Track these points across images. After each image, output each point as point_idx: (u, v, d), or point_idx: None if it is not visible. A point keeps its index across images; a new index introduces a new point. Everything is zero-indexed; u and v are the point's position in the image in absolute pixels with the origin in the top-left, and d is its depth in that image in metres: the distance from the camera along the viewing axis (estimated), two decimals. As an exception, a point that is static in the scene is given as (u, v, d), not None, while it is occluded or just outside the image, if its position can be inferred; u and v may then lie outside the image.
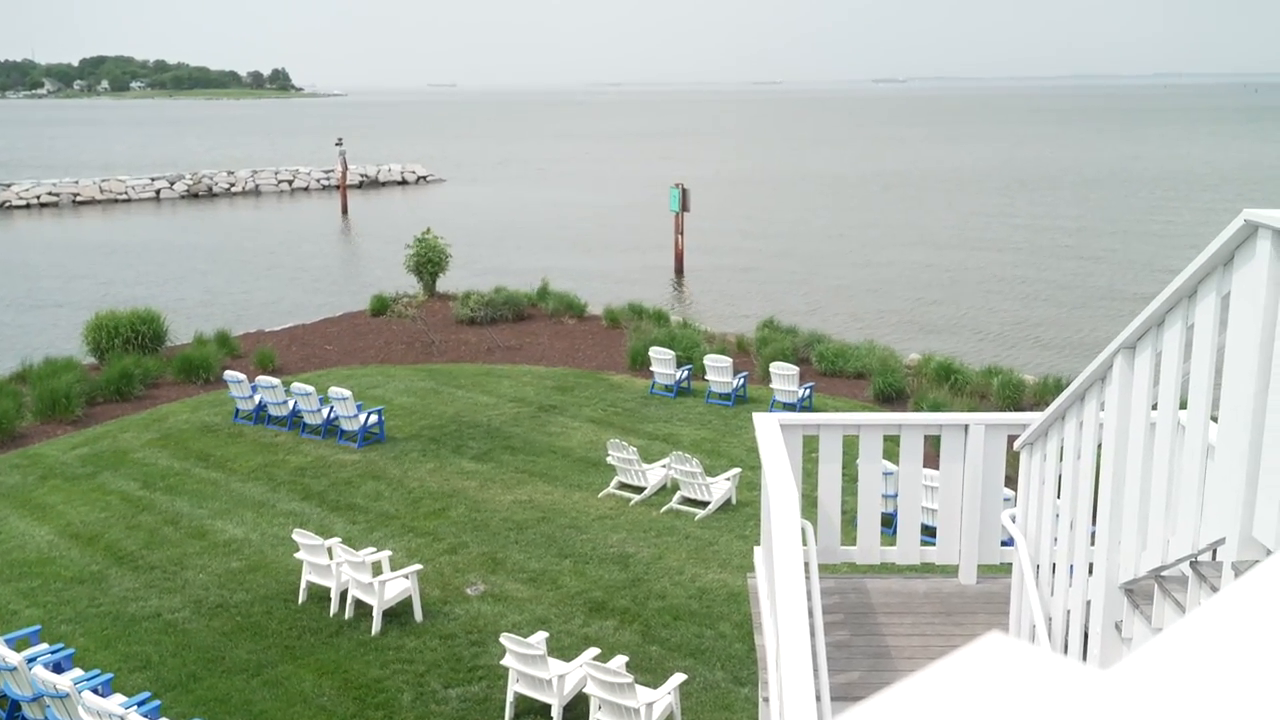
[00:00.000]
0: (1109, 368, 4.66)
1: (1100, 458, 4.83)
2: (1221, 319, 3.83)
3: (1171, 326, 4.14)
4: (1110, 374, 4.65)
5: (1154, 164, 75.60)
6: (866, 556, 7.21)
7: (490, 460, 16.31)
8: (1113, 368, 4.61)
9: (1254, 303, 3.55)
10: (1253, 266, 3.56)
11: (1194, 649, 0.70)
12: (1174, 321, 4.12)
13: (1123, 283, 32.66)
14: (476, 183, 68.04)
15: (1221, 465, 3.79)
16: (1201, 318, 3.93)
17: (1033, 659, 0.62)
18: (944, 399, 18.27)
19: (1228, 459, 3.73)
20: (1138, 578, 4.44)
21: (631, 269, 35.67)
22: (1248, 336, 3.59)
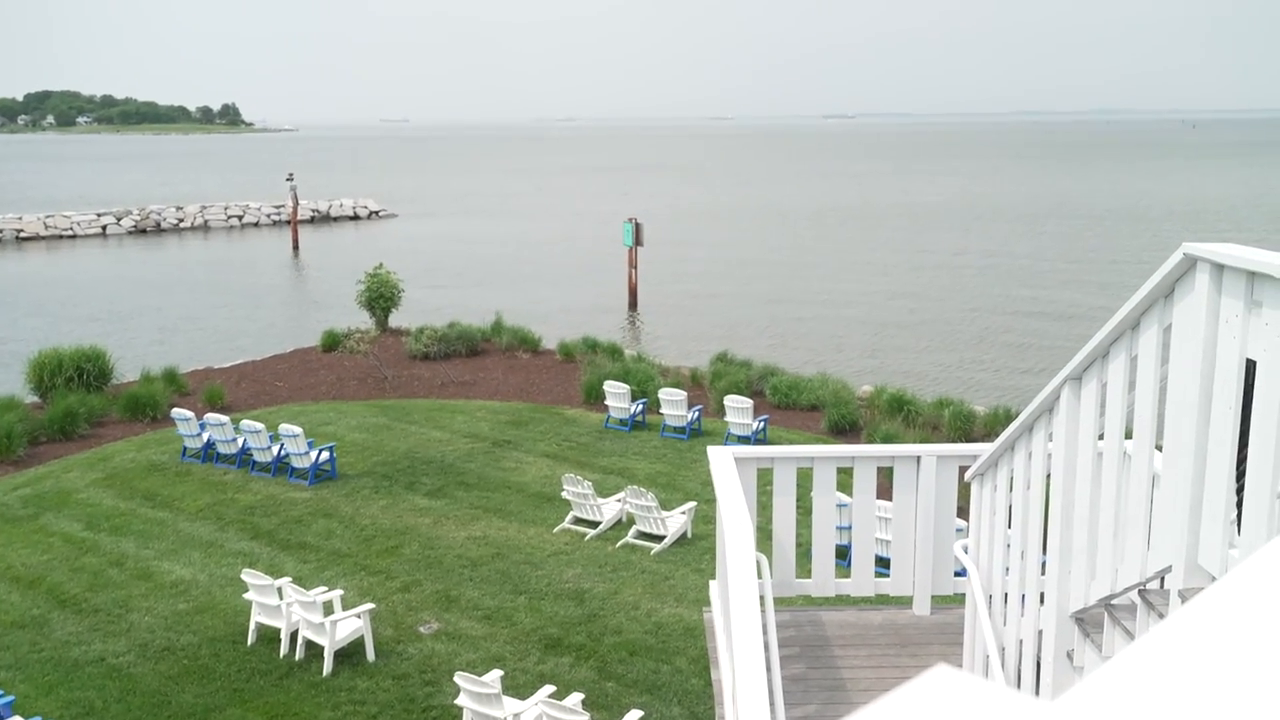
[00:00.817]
0: (1056, 399, 4.74)
1: (1049, 487, 4.89)
2: (1163, 350, 3.91)
3: (1116, 358, 4.22)
4: (1057, 405, 4.72)
5: (1100, 198, 77.16)
6: (821, 589, 7.23)
7: (444, 496, 16.16)
8: (1060, 399, 4.68)
9: (1194, 334, 3.62)
10: (1192, 299, 3.65)
11: (1136, 678, 0.71)
12: (1118, 353, 4.20)
13: (1072, 314, 33.21)
14: (430, 217, 67.88)
15: (1166, 494, 3.85)
16: (1144, 349, 4.01)
17: (977, 691, 0.63)
18: (896, 431, 18.42)
19: (1172, 488, 3.79)
20: (1088, 606, 4.49)
21: (585, 303, 35.70)
22: (1189, 367, 3.66)
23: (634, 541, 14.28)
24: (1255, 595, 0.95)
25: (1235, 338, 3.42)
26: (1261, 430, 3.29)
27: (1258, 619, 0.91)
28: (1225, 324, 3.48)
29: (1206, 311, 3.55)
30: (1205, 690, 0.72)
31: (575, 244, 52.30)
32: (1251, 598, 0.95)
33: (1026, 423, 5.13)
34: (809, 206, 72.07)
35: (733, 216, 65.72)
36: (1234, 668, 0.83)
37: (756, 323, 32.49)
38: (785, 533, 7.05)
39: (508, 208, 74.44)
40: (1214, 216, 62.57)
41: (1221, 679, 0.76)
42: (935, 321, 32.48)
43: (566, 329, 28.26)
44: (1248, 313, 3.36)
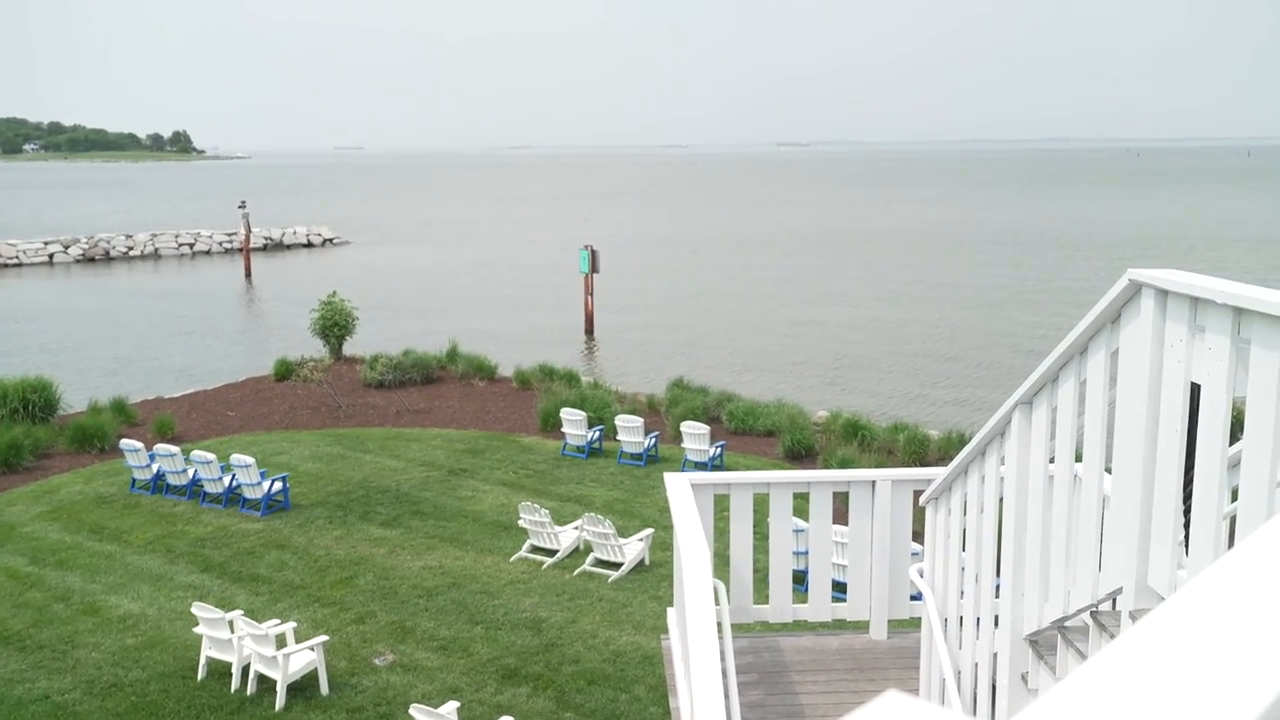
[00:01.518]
0: (1007, 423, 4.79)
1: (1002, 511, 4.94)
2: (1111, 374, 3.97)
3: (1065, 382, 4.28)
4: (1009, 429, 4.78)
5: (1050, 224, 78.44)
6: (779, 614, 7.23)
7: (399, 526, 16.01)
8: (1011, 423, 4.74)
9: (1140, 358, 3.69)
10: (1138, 324, 3.71)
11: (1082, 701, 0.72)
12: (1067, 377, 4.26)
13: (1024, 338, 33.66)
14: (385, 245, 67.54)
15: (1116, 516, 3.91)
16: (1093, 373, 4.07)
17: (927, 716, 0.63)
18: (852, 455, 18.53)
19: (1122, 510, 3.85)
20: (1041, 629, 4.53)
21: (542, 330, 35.64)
22: (1136, 391, 3.73)
23: (591, 569, 14.21)
24: (1198, 617, 0.97)
25: (1180, 362, 3.48)
26: (1206, 453, 3.35)
27: (1200, 640, 0.92)
28: (1170, 348, 3.55)
29: (1152, 336, 3.61)
30: (1149, 710, 0.73)
31: (532, 271, 52.27)
32: (1194, 620, 0.96)
33: (979, 447, 5.18)
34: (765, 233, 72.61)
35: (689, 244, 66.05)
36: (1178, 687, 0.84)
37: (713, 349, 32.61)
38: (742, 559, 7.05)
39: (464, 235, 74.29)
40: (1160, 242, 63.83)
41: (1165, 698, 0.77)
42: (890, 346, 32.78)
43: (523, 356, 28.19)
44: (1191, 337, 3.43)
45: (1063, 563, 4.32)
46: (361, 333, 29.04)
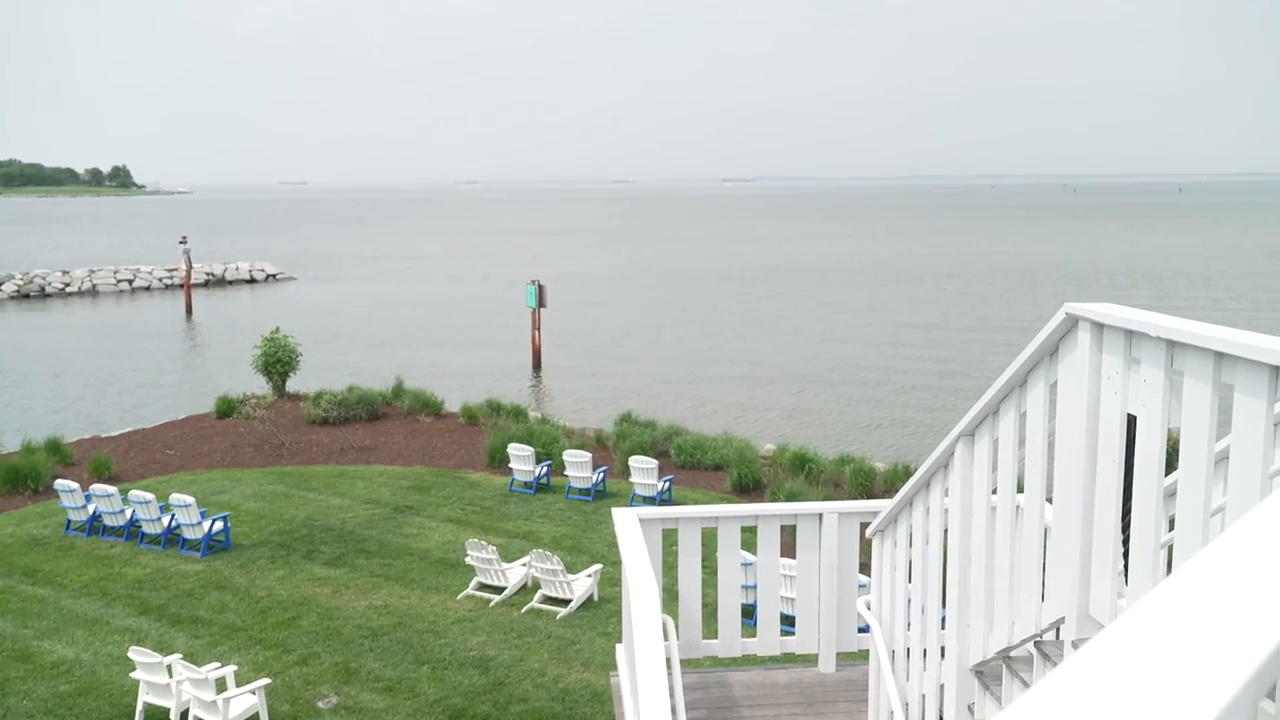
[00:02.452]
0: (950, 455, 4.85)
1: (947, 542, 4.98)
2: (1051, 406, 4.04)
3: (1006, 414, 4.34)
4: (952, 461, 4.83)
5: (995, 258, 79.81)
6: (728, 649, 7.21)
7: (343, 565, 15.76)
8: (954, 455, 4.79)
9: (1078, 391, 3.76)
10: (1075, 356, 3.78)
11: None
12: (1008, 410, 4.32)
13: (967, 370, 34.12)
14: (330, 280, 66.97)
15: (1057, 546, 3.96)
16: (1032, 405, 4.14)
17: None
18: (799, 488, 18.62)
19: (1062, 540, 3.90)
20: (987, 659, 4.56)
21: (489, 365, 35.49)
22: (1074, 423, 3.79)
23: (540, 606, 14.09)
24: (1134, 645, 0.99)
25: (1116, 394, 3.55)
26: (1143, 483, 3.41)
27: (1137, 666, 0.94)
28: (1107, 380, 3.61)
29: (1089, 369, 3.68)
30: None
31: (479, 306, 52.10)
32: (1130, 647, 0.98)
33: (923, 479, 5.23)
34: (713, 268, 73.08)
35: (637, 278, 66.28)
36: (1115, 713, 0.85)
37: (661, 383, 32.67)
38: (691, 593, 7.03)
39: (410, 270, 73.89)
40: (1102, 276, 65.18)
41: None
42: (836, 378, 33.06)
43: (470, 392, 28.02)
44: (1127, 370, 3.50)
45: (1007, 593, 4.37)
46: (305, 369, 28.70)
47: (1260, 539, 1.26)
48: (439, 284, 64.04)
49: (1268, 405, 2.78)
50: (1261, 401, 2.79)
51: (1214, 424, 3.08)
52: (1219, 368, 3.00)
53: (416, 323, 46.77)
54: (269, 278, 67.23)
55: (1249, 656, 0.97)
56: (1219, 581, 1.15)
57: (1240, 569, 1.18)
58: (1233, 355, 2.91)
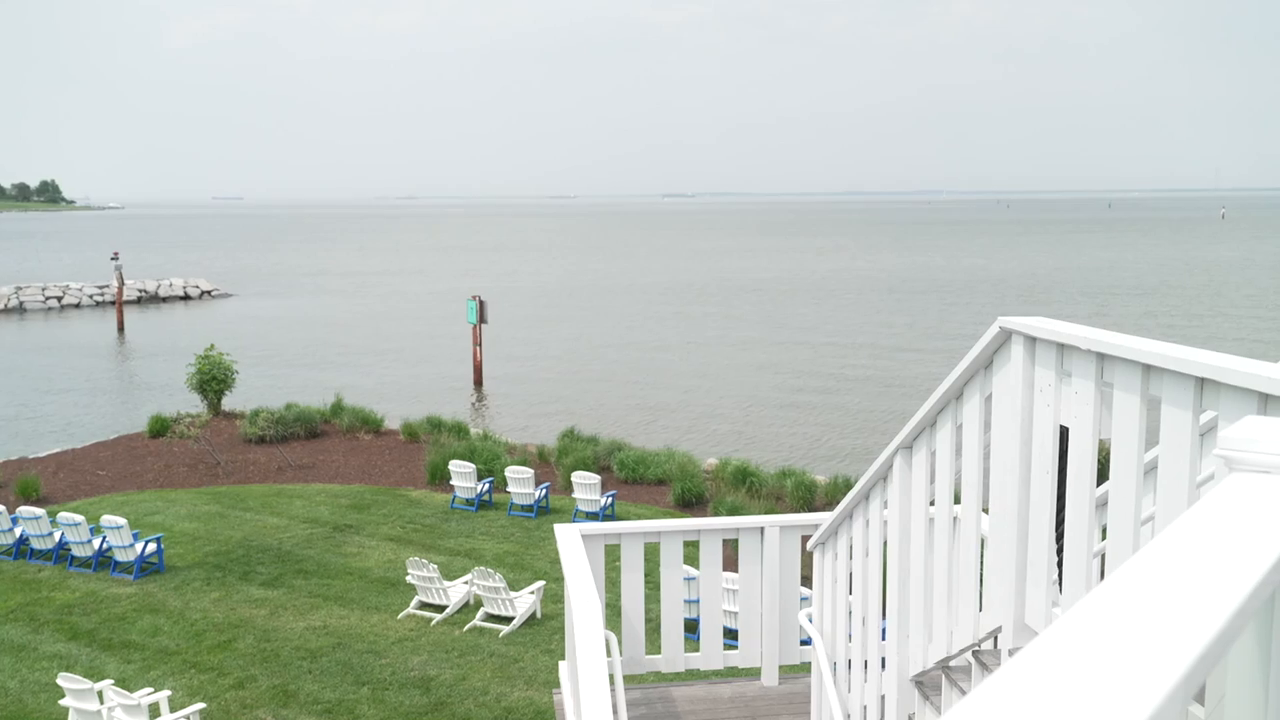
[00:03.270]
0: (889, 467, 4.90)
1: (887, 554, 5.03)
2: (986, 419, 4.10)
3: (943, 427, 4.40)
4: (890, 473, 4.88)
5: (936, 272, 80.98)
6: (671, 664, 7.20)
7: (281, 586, 15.50)
8: (893, 467, 4.85)
9: (1012, 403, 3.82)
10: (1009, 369, 3.85)
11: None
12: (944, 422, 4.38)
13: (907, 382, 34.54)
14: (268, 297, 66.04)
15: (994, 556, 4.02)
16: (968, 418, 4.20)
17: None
18: (741, 502, 18.70)
19: (998, 550, 3.96)
20: (926, 669, 4.61)
21: (430, 382, 35.21)
22: (1009, 434, 3.86)
23: (482, 624, 13.98)
24: (1063, 652, 1.00)
25: (1049, 406, 3.62)
26: (1075, 493, 3.48)
27: (1067, 672, 0.95)
28: (1039, 393, 3.68)
29: (1022, 382, 3.75)
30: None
31: (419, 322, 51.69)
32: (1060, 654, 1.00)
33: (863, 491, 5.28)
34: (654, 283, 73.29)
35: (578, 293, 66.25)
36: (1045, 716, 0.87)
37: (603, 398, 32.65)
38: (634, 609, 7.02)
39: (349, 286, 73.13)
40: (1039, 289, 66.42)
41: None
42: (778, 392, 33.29)
43: (410, 408, 27.78)
44: (1059, 382, 3.57)
45: (945, 603, 4.42)
46: (242, 387, 28.25)
47: (1186, 546, 1.29)
48: (379, 300, 63.46)
49: (1193, 416, 2.85)
50: (1188, 412, 2.86)
51: (1143, 435, 3.15)
52: (1147, 380, 3.07)
53: (356, 339, 46.28)
54: (204, 294, 66.12)
55: (1177, 661, 0.99)
56: (1147, 588, 1.17)
57: (1167, 576, 1.21)
58: (1160, 368, 2.98)
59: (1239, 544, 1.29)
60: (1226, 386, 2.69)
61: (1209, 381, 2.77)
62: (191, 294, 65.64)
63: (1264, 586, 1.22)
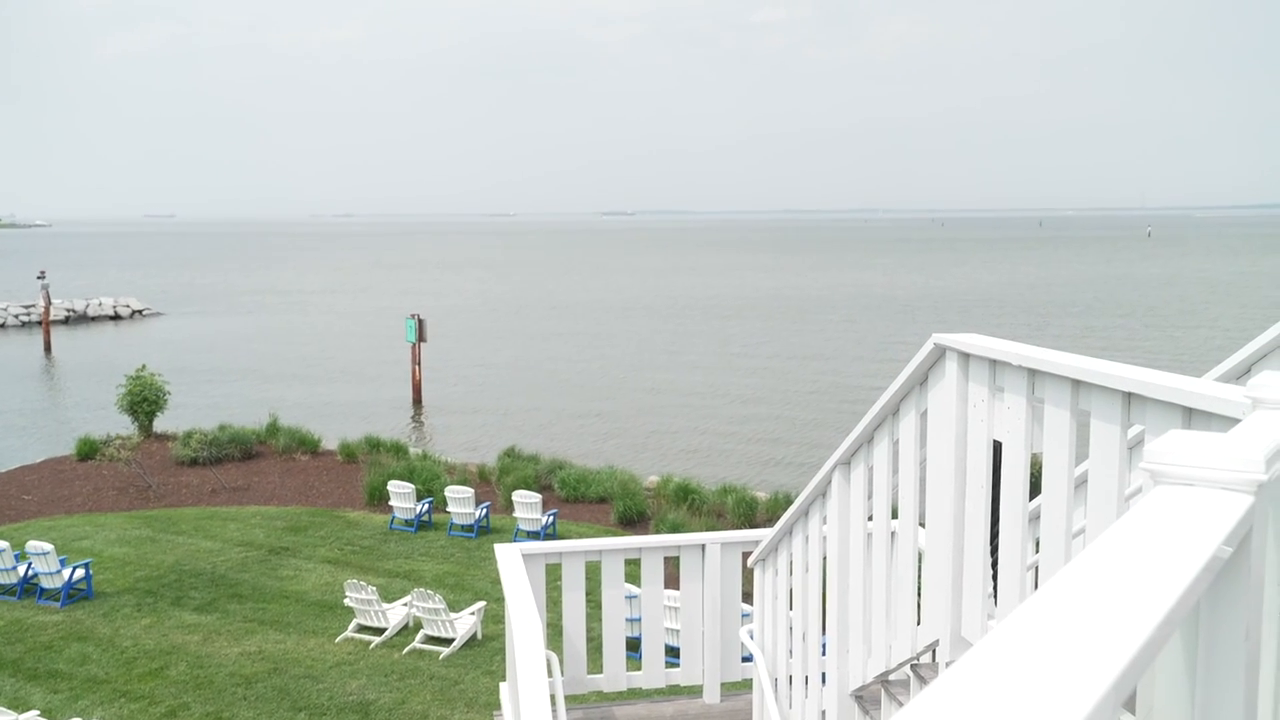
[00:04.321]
0: (828, 483, 4.94)
1: (826, 569, 5.07)
2: (922, 434, 4.16)
3: (880, 443, 4.45)
4: (829, 489, 4.92)
5: (878, 289, 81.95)
6: (613, 683, 7.17)
7: (215, 611, 15.19)
8: (831, 483, 4.89)
9: (947, 418, 3.88)
10: (944, 385, 3.91)
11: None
12: (881, 438, 4.44)
13: (846, 399, 34.87)
14: (201, 316, 64.89)
15: (930, 570, 4.06)
16: (905, 433, 4.25)
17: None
18: (683, 519, 18.72)
19: (935, 564, 4.01)
20: (866, 684, 4.64)
21: (368, 401, 34.81)
22: (944, 449, 3.91)
23: (421, 646, 13.81)
24: (995, 664, 1.02)
25: (983, 421, 3.68)
26: (1009, 507, 3.54)
27: (998, 687, 0.97)
28: (973, 408, 3.74)
29: (956, 397, 3.81)
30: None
31: (357, 341, 51.12)
32: (992, 666, 1.01)
33: (802, 507, 5.32)
34: (594, 300, 73.31)
35: (519, 312, 66.02)
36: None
37: (544, 417, 32.52)
38: (576, 628, 6.98)
39: (285, 305, 72.13)
40: (977, 306, 67.50)
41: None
42: (720, 409, 33.42)
43: (348, 428, 27.44)
44: (992, 398, 3.63)
45: (884, 618, 4.46)
46: (174, 408, 27.70)
47: (1114, 558, 1.32)
48: (315, 319, 62.68)
49: (1121, 430, 2.92)
50: (1116, 426, 2.92)
51: (1073, 449, 3.22)
52: (1076, 395, 3.13)
53: (292, 359, 45.63)
54: (135, 313, 64.80)
55: (1106, 669, 1.01)
56: (1077, 600, 1.20)
57: (1096, 588, 1.23)
58: (1088, 383, 3.04)
59: (1164, 556, 1.32)
60: (1152, 401, 2.75)
61: (1136, 396, 2.84)
62: (122, 313, 64.30)
63: (1189, 596, 1.25)
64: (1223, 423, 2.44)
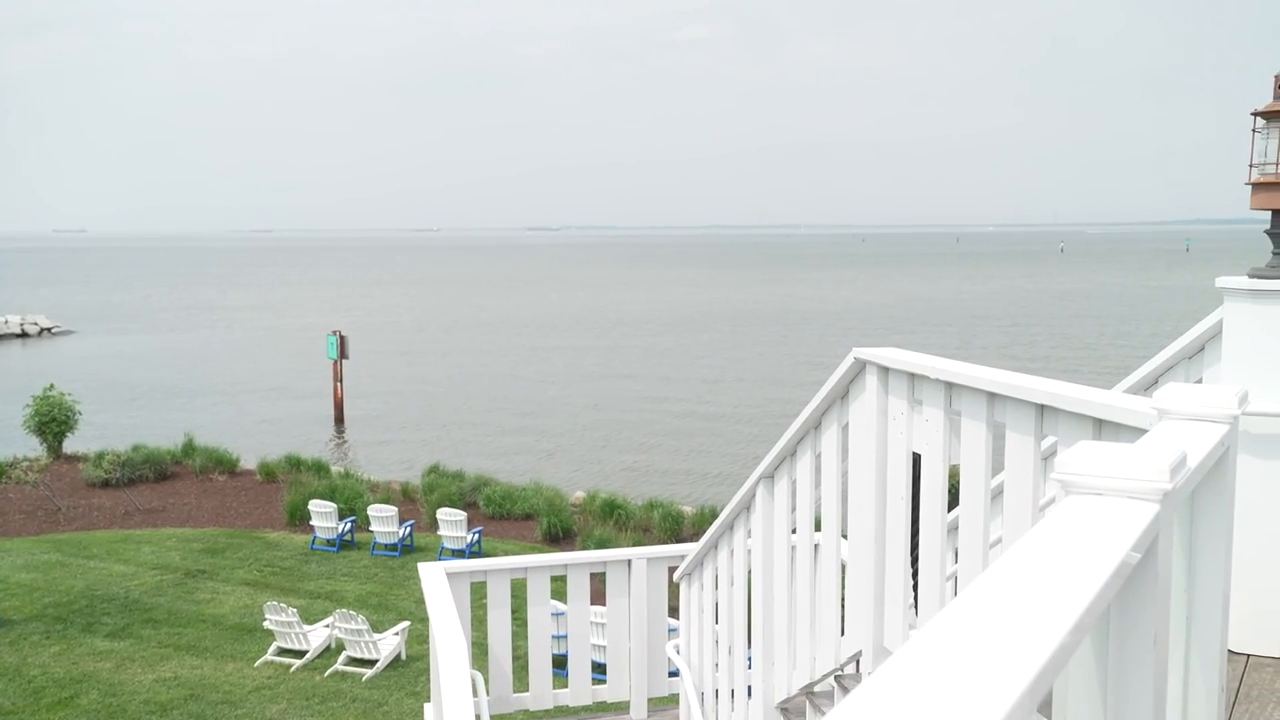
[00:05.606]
0: (752, 497, 4.98)
1: (751, 583, 5.10)
2: (843, 447, 4.21)
3: (803, 456, 4.50)
4: (754, 503, 4.96)
5: (794, 303, 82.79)
6: (539, 702, 7.12)
7: (128, 636, 14.75)
8: (755, 497, 4.92)
9: (867, 431, 3.94)
10: (864, 399, 3.97)
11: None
12: (804, 451, 4.48)
13: (773, 413, 35.16)
14: (114, 334, 63.15)
15: (853, 582, 4.11)
16: (827, 447, 4.30)
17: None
18: (610, 535, 18.69)
19: (857, 576, 4.06)
20: (791, 696, 4.68)
21: (288, 420, 34.19)
22: (865, 462, 3.97)
23: (344, 669, 13.57)
24: (913, 673, 1.03)
25: (902, 433, 3.74)
26: (928, 518, 3.59)
27: (915, 695, 0.98)
28: (893, 421, 3.80)
29: (877, 410, 3.87)
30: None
31: (277, 359, 50.20)
32: (909, 676, 1.03)
33: (727, 521, 5.35)
34: (519, 316, 72.98)
35: (442, 328, 65.45)
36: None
37: (469, 433, 32.25)
38: (501, 647, 6.92)
39: (201, 321, 70.56)
40: (905, 320, 68.55)
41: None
42: (647, 423, 33.46)
43: (268, 447, 26.90)
44: (911, 411, 3.69)
45: (808, 630, 4.50)
46: (85, 428, 26.91)
47: (1026, 567, 1.35)
48: (232, 336, 61.42)
49: (1035, 441, 2.98)
50: (1030, 438, 2.99)
51: (989, 460, 3.28)
52: (992, 407, 3.20)
53: (209, 377, 44.63)
54: (43, 331, 62.85)
55: (1021, 674, 1.03)
56: (992, 608, 1.22)
57: (1009, 596, 1.26)
58: (1003, 395, 3.11)
59: (1075, 563, 1.35)
60: (1064, 413, 2.82)
61: (1048, 408, 2.90)
62: (29, 331, 62.33)
63: (1099, 602, 1.29)
64: (1131, 433, 2.51)
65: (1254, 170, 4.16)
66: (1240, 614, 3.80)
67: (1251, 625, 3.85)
